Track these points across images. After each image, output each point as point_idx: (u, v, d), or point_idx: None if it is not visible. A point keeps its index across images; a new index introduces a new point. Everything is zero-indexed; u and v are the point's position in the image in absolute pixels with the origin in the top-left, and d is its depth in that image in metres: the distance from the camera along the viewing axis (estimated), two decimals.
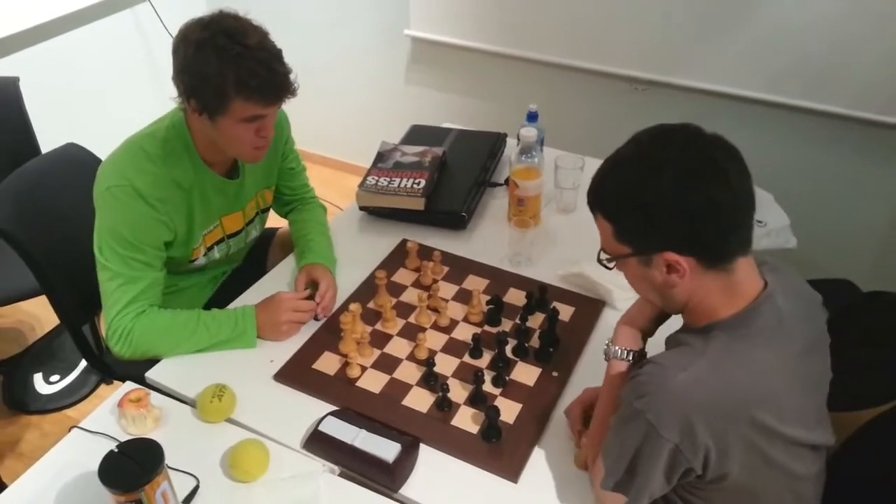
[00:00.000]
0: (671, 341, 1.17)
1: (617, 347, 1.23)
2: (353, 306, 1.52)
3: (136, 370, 1.51)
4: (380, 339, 1.54)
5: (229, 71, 1.32)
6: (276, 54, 1.39)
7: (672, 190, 0.99)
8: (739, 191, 1.00)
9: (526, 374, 1.45)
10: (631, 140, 1.08)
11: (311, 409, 1.37)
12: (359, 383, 1.43)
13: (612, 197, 1.07)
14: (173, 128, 1.49)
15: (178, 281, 1.70)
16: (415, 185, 1.86)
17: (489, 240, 1.84)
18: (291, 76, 1.40)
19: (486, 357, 1.49)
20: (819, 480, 1.20)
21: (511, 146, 2.11)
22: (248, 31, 1.36)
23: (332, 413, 1.34)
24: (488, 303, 1.58)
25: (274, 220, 1.91)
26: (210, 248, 1.65)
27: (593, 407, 1.29)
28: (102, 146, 1.93)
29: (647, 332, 1.26)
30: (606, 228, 1.09)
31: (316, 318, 1.59)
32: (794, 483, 1.12)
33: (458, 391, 1.41)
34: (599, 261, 1.14)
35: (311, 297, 1.60)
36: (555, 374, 1.44)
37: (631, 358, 1.22)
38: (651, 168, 1.01)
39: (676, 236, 1.02)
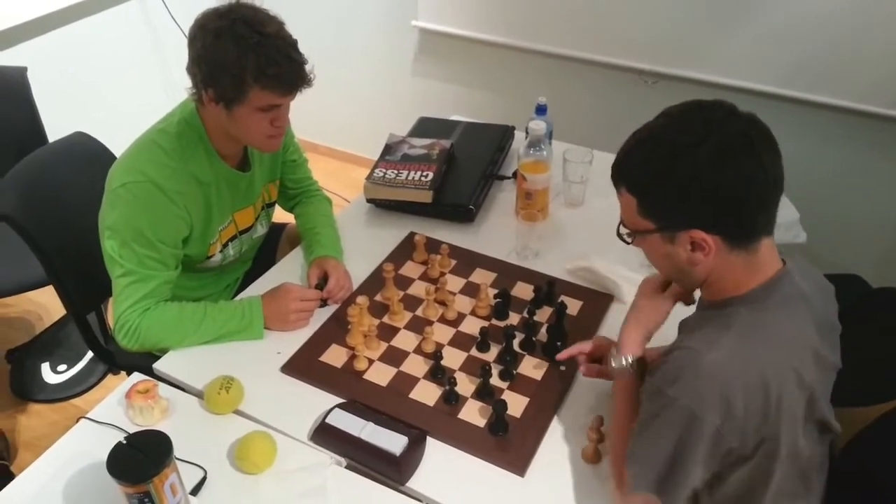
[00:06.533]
0: (686, 324, 1.17)
1: (626, 357, 1.20)
2: (361, 299, 1.52)
3: (142, 361, 1.52)
4: (387, 332, 1.53)
5: (248, 59, 1.32)
6: (293, 43, 1.39)
7: (708, 166, 0.98)
8: (771, 170, 1.00)
9: (533, 368, 1.45)
10: (661, 115, 1.06)
11: (318, 402, 1.37)
12: (366, 376, 1.43)
13: (641, 171, 1.05)
14: (185, 122, 1.49)
15: (193, 291, 1.69)
16: (423, 178, 1.85)
17: (497, 233, 1.83)
18: (307, 67, 1.40)
19: (494, 351, 1.48)
20: (822, 470, 1.19)
21: (519, 139, 2.10)
22: (265, 20, 1.37)
23: (340, 405, 1.34)
24: (496, 296, 1.58)
25: (281, 217, 1.91)
26: (225, 245, 1.65)
27: (601, 353, 1.33)
28: (109, 136, 1.94)
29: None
30: (630, 203, 1.07)
31: (325, 304, 1.59)
32: (801, 464, 1.12)
33: (465, 385, 1.41)
34: (619, 235, 1.13)
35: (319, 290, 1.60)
36: (562, 368, 1.44)
37: (634, 367, 1.20)
38: (687, 144, 0.99)
39: (706, 214, 1.01)
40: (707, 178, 0.98)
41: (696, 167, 0.98)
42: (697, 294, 1.18)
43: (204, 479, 1.24)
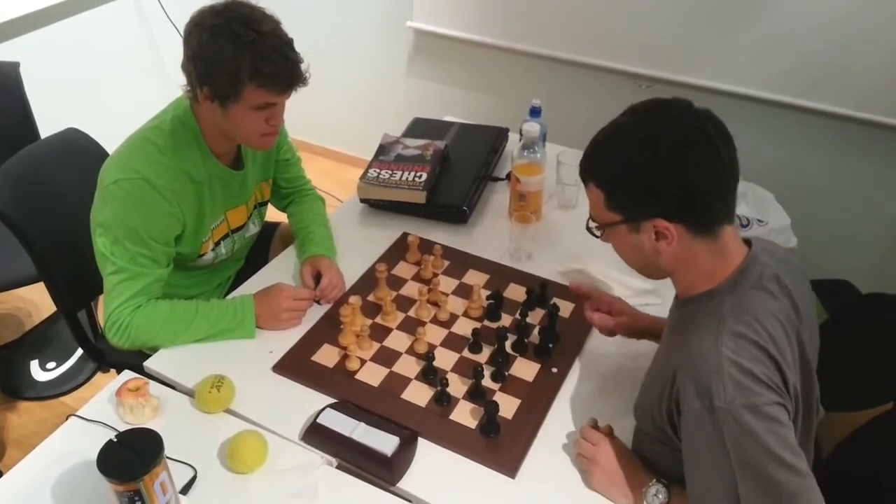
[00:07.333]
0: (670, 326, 1.18)
1: (654, 489, 1.15)
2: (353, 299, 1.52)
3: (132, 359, 1.51)
4: (379, 333, 1.53)
5: (244, 57, 1.33)
6: (289, 42, 1.39)
7: (667, 158, 1.02)
8: (727, 161, 1.04)
9: (525, 369, 1.45)
10: (625, 112, 1.12)
11: (309, 401, 1.37)
12: (358, 376, 1.43)
13: (607, 165, 1.10)
14: (179, 119, 1.48)
15: (185, 290, 1.69)
16: (416, 179, 1.85)
17: (490, 235, 1.84)
18: (303, 66, 1.40)
19: (486, 352, 1.48)
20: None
21: (513, 141, 2.11)
22: (262, 18, 1.37)
23: (331, 405, 1.34)
24: (488, 298, 1.58)
25: (274, 216, 1.90)
26: (217, 244, 1.65)
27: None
28: (102, 132, 1.93)
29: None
30: (598, 196, 1.12)
31: (318, 303, 1.59)
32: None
33: (457, 386, 1.41)
34: (588, 228, 1.17)
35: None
36: (554, 370, 1.44)
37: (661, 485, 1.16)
38: (647, 137, 1.04)
39: (668, 203, 1.05)
40: (666, 169, 1.03)
41: (657, 159, 1.03)
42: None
43: (194, 478, 1.23)
